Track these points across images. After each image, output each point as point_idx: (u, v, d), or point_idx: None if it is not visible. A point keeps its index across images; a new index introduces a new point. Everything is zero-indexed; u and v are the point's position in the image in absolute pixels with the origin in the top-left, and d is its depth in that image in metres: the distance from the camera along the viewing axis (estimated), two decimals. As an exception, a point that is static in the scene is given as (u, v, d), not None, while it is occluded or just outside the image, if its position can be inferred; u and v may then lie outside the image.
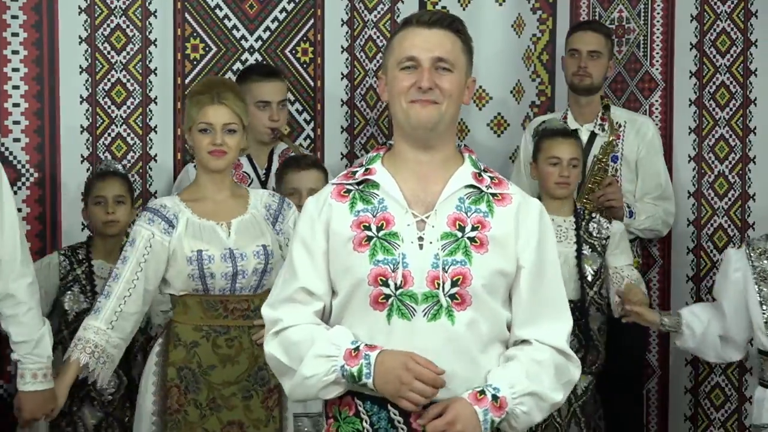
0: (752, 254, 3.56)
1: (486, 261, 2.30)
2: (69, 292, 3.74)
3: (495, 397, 2.26)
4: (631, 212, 4.21)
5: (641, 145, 4.29)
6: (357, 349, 2.27)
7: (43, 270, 3.69)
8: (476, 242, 2.31)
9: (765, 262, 3.54)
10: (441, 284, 2.28)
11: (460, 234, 2.31)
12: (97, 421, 3.72)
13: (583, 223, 3.84)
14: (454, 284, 2.28)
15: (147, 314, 3.68)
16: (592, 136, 4.31)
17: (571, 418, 3.81)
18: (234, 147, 3.19)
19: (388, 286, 2.28)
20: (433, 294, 2.28)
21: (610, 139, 4.24)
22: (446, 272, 2.29)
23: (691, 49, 4.52)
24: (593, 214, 3.89)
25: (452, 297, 2.29)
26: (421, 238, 2.31)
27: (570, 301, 3.73)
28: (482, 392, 2.26)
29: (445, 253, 2.29)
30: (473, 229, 2.31)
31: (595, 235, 3.83)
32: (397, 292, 2.29)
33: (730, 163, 4.41)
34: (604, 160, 4.22)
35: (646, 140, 4.30)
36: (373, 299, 2.30)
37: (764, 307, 3.53)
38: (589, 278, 3.79)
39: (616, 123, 4.32)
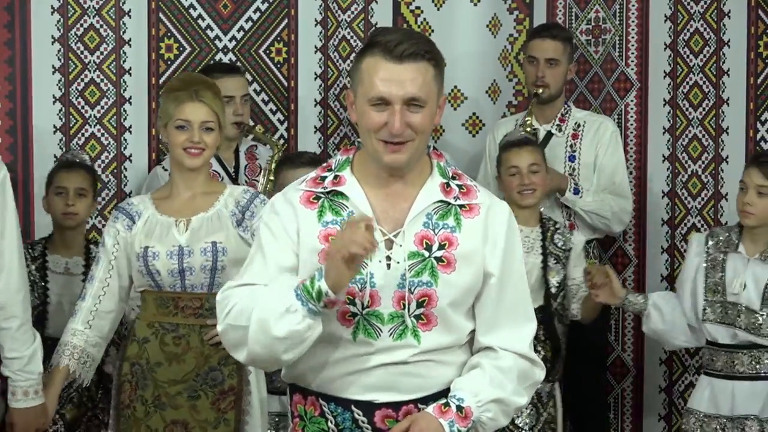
0: (710, 241, 3.60)
1: (452, 281, 2.30)
2: None
3: (459, 408, 2.27)
4: (577, 190, 4.21)
5: (599, 146, 4.30)
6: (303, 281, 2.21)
7: None
8: (443, 261, 2.30)
9: (719, 253, 3.57)
10: (406, 305, 2.28)
11: (427, 253, 2.30)
12: (72, 417, 3.72)
13: (549, 234, 3.84)
14: (419, 305, 2.29)
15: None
16: (548, 135, 4.33)
17: (546, 425, 3.82)
18: (211, 145, 3.18)
19: (354, 304, 2.28)
20: (399, 314, 2.28)
21: (528, 119, 4.26)
22: (412, 293, 2.28)
23: (665, 49, 4.53)
24: (557, 225, 3.89)
25: (417, 317, 2.29)
26: (389, 258, 2.29)
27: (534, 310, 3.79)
28: (446, 404, 2.27)
29: (411, 274, 2.28)
30: (440, 247, 2.30)
31: (560, 246, 3.84)
32: (364, 312, 2.28)
33: (703, 162, 4.42)
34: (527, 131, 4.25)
35: (603, 140, 4.30)
36: (340, 315, 2.29)
37: (707, 297, 3.56)
38: (553, 290, 3.80)
39: (575, 123, 4.33)
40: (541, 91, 4.26)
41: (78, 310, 3.19)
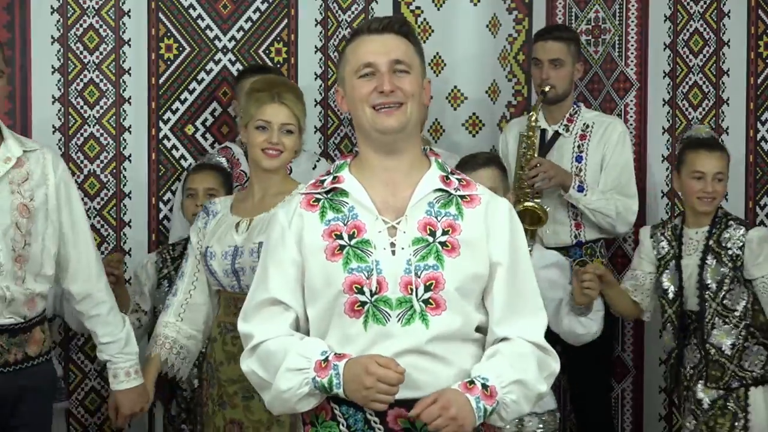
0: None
1: (458, 265, 2.32)
2: (158, 289, 3.84)
3: (485, 386, 2.27)
4: (581, 187, 4.19)
5: (606, 145, 4.29)
6: (326, 360, 2.27)
7: (144, 269, 3.86)
8: (447, 246, 2.32)
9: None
10: (414, 289, 2.30)
11: (431, 239, 2.32)
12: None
13: (716, 232, 3.69)
14: (427, 289, 2.30)
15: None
16: (556, 135, 4.32)
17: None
18: (290, 147, 3.17)
19: (363, 293, 2.30)
20: (407, 299, 2.30)
21: (532, 117, 4.25)
22: (419, 277, 2.30)
23: (664, 49, 4.53)
24: (731, 222, 3.70)
25: (426, 302, 2.30)
26: (393, 244, 2.32)
27: (692, 312, 3.66)
28: (471, 382, 2.28)
29: (417, 259, 2.30)
30: (444, 233, 2.33)
31: (724, 244, 3.67)
32: (373, 299, 2.30)
33: (702, 163, 4.42)
34: (529, 134, 4.23)
35: (611, 140, 4.29)
36: (349, 307, 2.30)
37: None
38: (713, 288, 3.65)
39: (584, 124, 4.33)
40: (547, 89, 4.25)
41: (170, 305, 3.24)
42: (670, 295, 3.73)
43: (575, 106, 4.37)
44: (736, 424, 3.64)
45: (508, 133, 4.41)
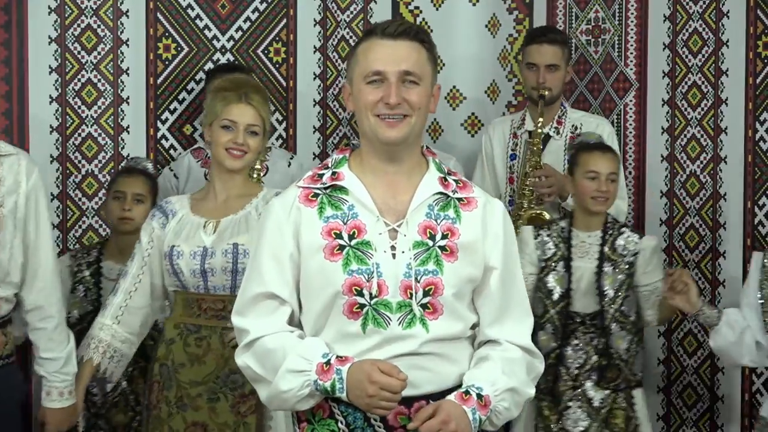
0: (766, 258, 3.56)
1: (456, 269, 2.32)
2: (72, 293, 3.73)
3: (480, 396, 2.28)
4: None
5: None
6: (328, 363, 2.27)
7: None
8: (446, 251, 2.33)
9: None
10: (413, 294, 2.30)
11: (431, 243, 2.32)
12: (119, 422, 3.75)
13: (610, 239, 3.78)
14: (426, 294, 2.30)
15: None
16: (547, 138, 4.31)
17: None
18: (254, 149, 3.16)
19: (362, 295, 2.29)
20: (407, 303, 2.30)
21: (539, 123, 4.24)
22: (419, 282, 2.30)
23: (664, 49, 4.52)
24: (622, 229, 3.82)
25: (424, 306, 2.30)
26: (393, 248, 2.32)
27: (588, 315, 3.73)
28: (467, 392, 2.29)
29: (417, 263, 2.31)
30: (443, 237, 2.33)
31: (620, 251, 3.77)
32: (372, 302, 2.29)
33: (701, 162, 4.41)
34: (534, 140, 4.23)
35: None
36: (348, 309, 2.30)
37: (765, 308, 3.53)
38: (610, 295, 3.74)
39: (572, 125, 4.32)
40: (546, 92, 4.24)
41: (108, 305, 3.20)
42: (555, 296, 3.76)
43: (562, 107, 4.36)
44: (629, 422, 3.77)
45: (492, 133, 4.37)
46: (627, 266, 3.76)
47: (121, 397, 3.70)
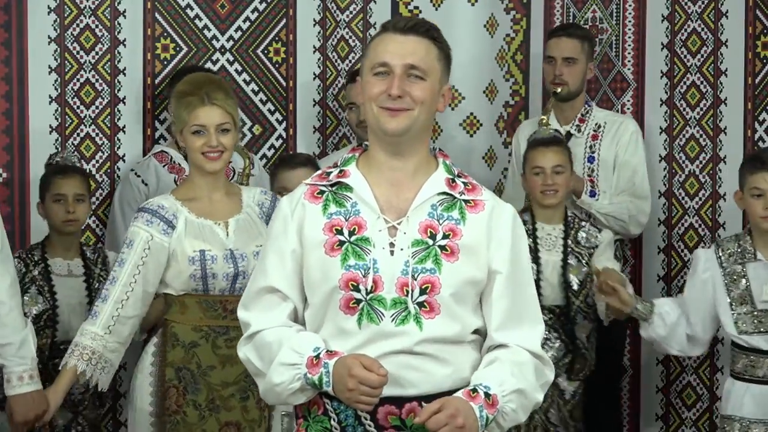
0: (722, 255, 3.58)
1: (456, 270, 2.31)
2: (26, 294, 3.65)
3: (487, 395, 2.27)
4: (593, 192, 4.21)
5: (618, 145, 4.29)
6: (318, 356, 2.28)
7: None
8: (447, 251, 2.32)
9: (735, 264, 3.55)
10: (410, 291, 2.30)
11: (431, 242, 2.32)
12: (67, 422, 3.68)
13: (572, 232, 3.86)
14: (422, 292, 2.30)
15: None
16: (568, 136, 4.31)
17: (561, 423, 3.84)
18: (229, 146, 3.16)
19: (358, 291, 2.30)
20: (402, 300, 2.30)
21: (544, 118, 4.25)
22: (415, 280, 2.30)
23: (662, 49, 4.54)
24: (582, 222, 3.92)
25: (420, 305, 2.30)
26: (392, 244, 2.32)
27: (556, 307, 3.77)
28: (474, 390, 2.28)
29: (415, 261, 2.31)
30: (444, 237, 2.33)
31: (583, 243, 3.85)
32: (368, 297, 2.30)
33: (700, 162, 4.43)
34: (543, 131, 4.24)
35: (623, 140, 4.30)
36: (344, 304, 2.31)
37: (734, 308, 3.54)
38: (575, 287, 3.80)
39: (596, 124, 4.33)
40: (559, 90, 4.25)
41: (98, 313, 3.13)
42: None
43: (587, 105, 4.36)
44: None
45: (521, 135, 4.38)
46: (589, 258, 3.85)
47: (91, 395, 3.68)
